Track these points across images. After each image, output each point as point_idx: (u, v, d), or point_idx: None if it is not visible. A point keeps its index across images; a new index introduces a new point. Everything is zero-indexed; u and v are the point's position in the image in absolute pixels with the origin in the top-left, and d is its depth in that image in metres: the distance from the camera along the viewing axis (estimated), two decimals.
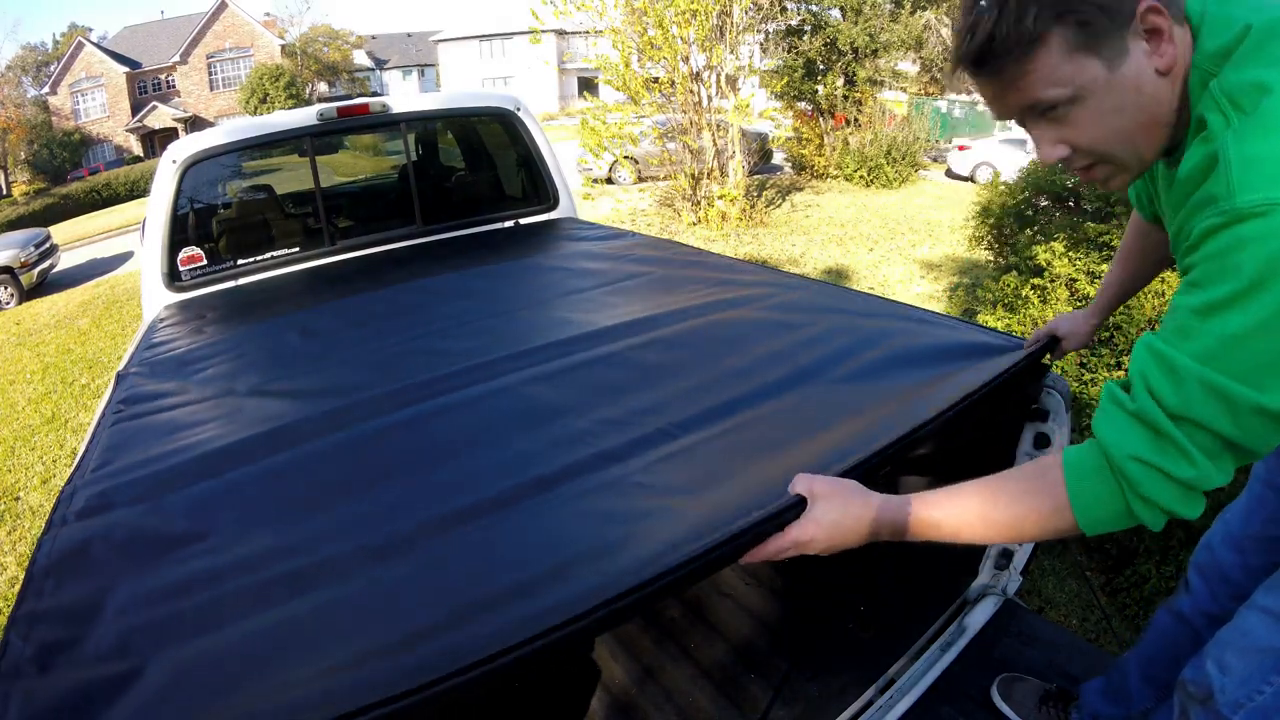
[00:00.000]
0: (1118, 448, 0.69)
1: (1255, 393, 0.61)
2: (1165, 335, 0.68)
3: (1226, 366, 0.62)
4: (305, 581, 0.86)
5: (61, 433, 4.29)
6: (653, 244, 2.39)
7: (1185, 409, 0.65)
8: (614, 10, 6.77)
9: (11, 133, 28.57)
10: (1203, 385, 0.63)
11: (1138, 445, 0.68)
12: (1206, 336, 0.63)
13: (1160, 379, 0.67)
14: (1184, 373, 0.65)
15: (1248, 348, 0.61)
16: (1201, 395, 0.64)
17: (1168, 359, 0.66)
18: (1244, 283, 0.60)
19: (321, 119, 2.43)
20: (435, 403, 1.32)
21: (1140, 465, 0.68)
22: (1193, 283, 0.66)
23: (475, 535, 0.92)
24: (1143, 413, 0.68)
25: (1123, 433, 0.70)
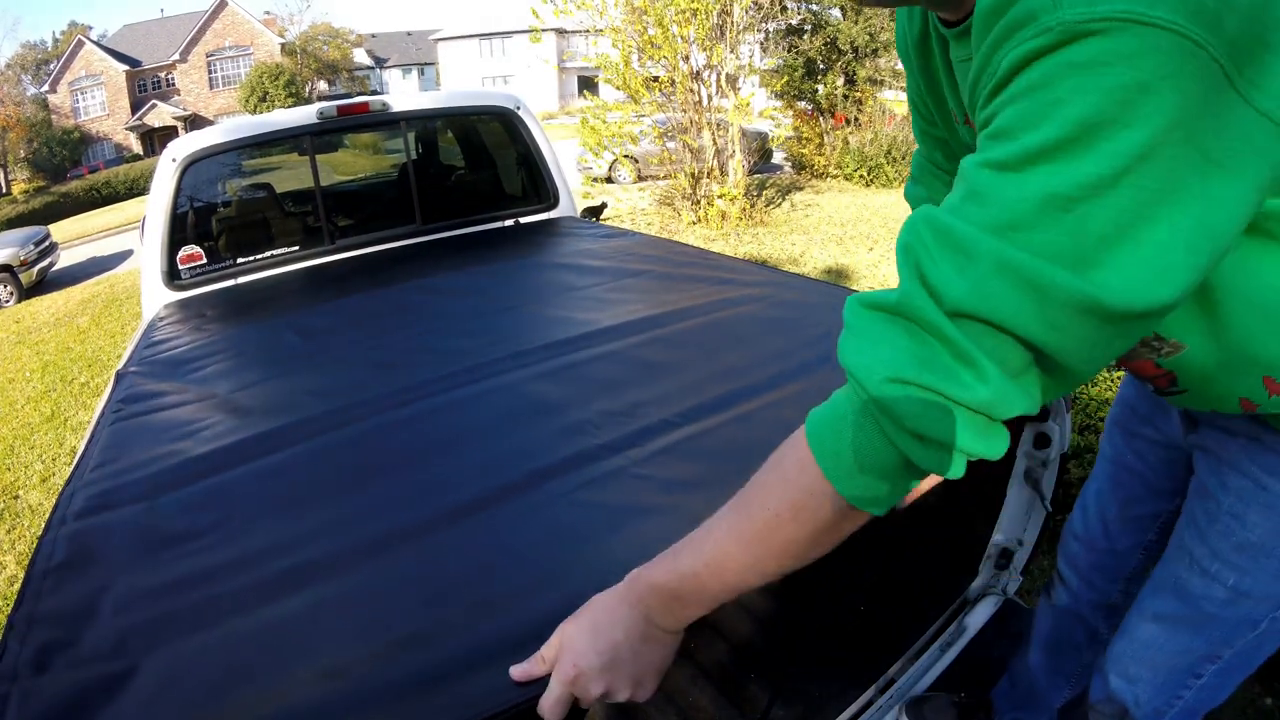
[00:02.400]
0: (868, 368, 0.49)
1: (1075, 277, 0.43)
2: (952, 203, 0.47)
3: (1039, 241, 0.43)
4: (305, 582, 0.86)
5: (61, 431, 4.29)
6: (652, 243, 2.39)
7: (974, 301, 0.45)
8: (614, 9, 6.76)
9: (11, 131, 28.57)
10: (1002, 267, 0.44)
11: (898, 358, 0.48)
12: (1012, 199, 0.44)
13: (939, 259, 0.46)
14: (975, 249, 0.44)
15: (1071, 215, 0.42)
16: (1000, 282, 0.44)
17: (952, 232, 0.46)
18: (1072, 125, 0.41)
19: (321, 118, 2.43)
20: (435, 400, 1.32)
21: (904, 387, 0.47)
22: (996, 134, 0.45)
23: (475, 532, 0.92)
24: (908, 307, 0.48)
25: (876, 343, 0.49)
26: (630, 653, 0.60)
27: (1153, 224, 0.42)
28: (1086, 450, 2.28)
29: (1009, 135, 0.44)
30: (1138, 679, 0.88)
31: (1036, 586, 2.15)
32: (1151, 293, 0.43)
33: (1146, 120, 0.40)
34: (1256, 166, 0.43)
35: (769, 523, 0.55)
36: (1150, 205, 0.42)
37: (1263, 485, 0.73)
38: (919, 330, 0.48)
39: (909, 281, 0.48)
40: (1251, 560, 0.75)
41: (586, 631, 0.61)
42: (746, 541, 0.56)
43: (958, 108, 0.71)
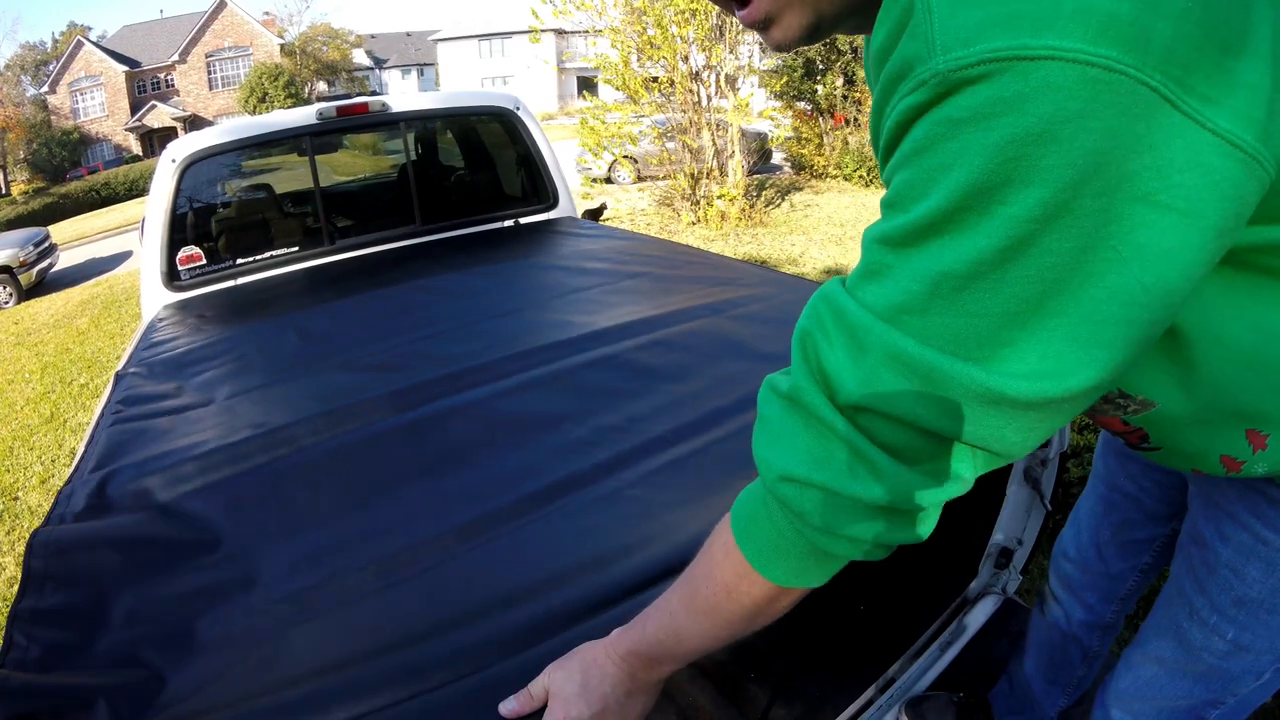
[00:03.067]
0: (768, 463, 0.47)
1: (974, 367, 0.38)
2: (853, 280, 0.43)
3: (931, 326, 0.39)
4: (304, 583, 0.86)
5: (60, 433, 4.28)
6: (652, 244, 2.39)
7: (868, 395, 0.41)
8: (613, 9, 6.76)
9: (10, 132, 28.58)
10: (892, 358, 0.40)
11: (794, 456, 0.45)
12: (904, 280, 0.39)
13: (835, 346, 0.43)
14: (867, 338, 0.41)
15: (966, 295, 0.37)
16: (891, 373, 0.40)
17: (846, 316, 0.42)
18: (961, 192, 0.36)
19: (321, 118, 2.43)
20: (435, 406, 1.32)
21: (801, 487, 0.45)
22: (889, 203, 0.41)
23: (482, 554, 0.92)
24: (803, 400, 0.45)
25: (777, 436, 0.47)
26: (617, 705, 0.61)
27: (1067, 296, 0.36)
28: (1086, 449, 2.28)
29: (899, 206, 0.39)
30: (1141, 715, 0.87)
31: (1036, 586, 2.15)
32: (1070, 378, 0.38)
33: (1049, 175, 0.34)
34: (1216, 201, 0.35)
35: (710, 600, 0.55)
36: (1064, 274, 0.36)
37: (1262, 539, 0.69)
38: (815, 423, 0.44)
39: (803, 371, 0.45)
40: (1251, 616, 0.73)
41: (577, 683, 0.62)
42: (696, 614, 0.57)
43: None
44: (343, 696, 0.69)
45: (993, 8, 0.33)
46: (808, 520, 0.46)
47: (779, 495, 0.47)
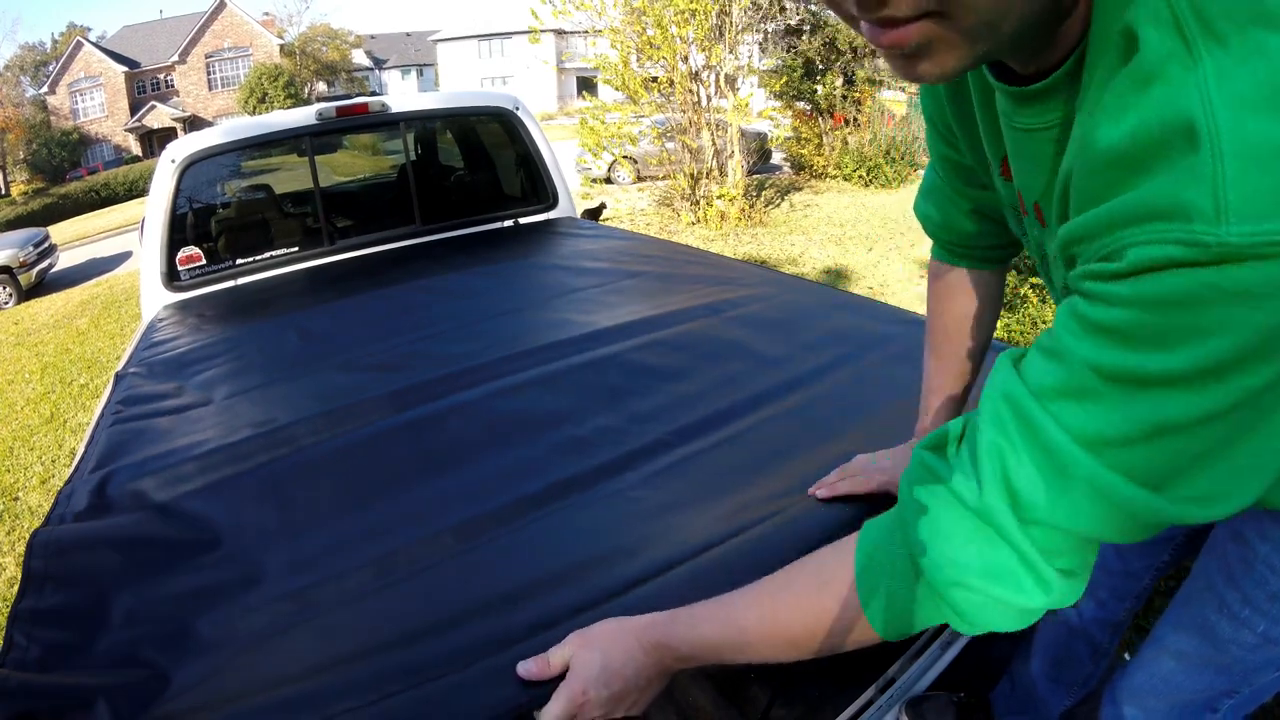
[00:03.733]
0: (938, 567, 0.48)
1: (1158, 496, 0.40)
2: (1046, 390, 0.42)
3: (1135, 462, 0.39)
4: (303, 585, 0.86)
5: (60, 433, 4.28)
6: (652, 244, 2.39)
7: (1061, 516, 0.43)
8: (613, 10, 6.77)
9: (10, 132, 28.58)
10: (1096, 489, 0.41)
11: (970, 564, 0.46)
12: (1118, 417, 0.39)
13: (1028, 465, 0.43)
14: (1071, 467, 0.41)
15: (1174, 440, 0.38)
16: (1090, 502, 0.41)
17: (1043, 436, 0.42)
18: (1210, 360, 0.36)
19: (320, 118, 2.43)
20: (435, 406, 1.31)
21: (967, 592, 0.47)
22: (1111, 329, 0.38)
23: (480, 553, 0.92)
24: (988, 515, 0.45)
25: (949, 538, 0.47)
26: (636, 690, 0.62)
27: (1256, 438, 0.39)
28: None
29: (1128, 342, 0.38)
30: (1154, 711, 0.88)
31: None
32: (1233, 501, 0.41)
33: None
34: None
35: (801, 636, 0.56)
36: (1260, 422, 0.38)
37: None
38: (994, 536, 0.45)
39: (994, 487, 0.45)
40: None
41: (599, 662, 0.62)
42: (772, 642, 0.57)
43: (996, 159, 0.62)
44: (342, 694, 0.69)
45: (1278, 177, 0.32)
46: (963, 616, 0.49)
47: (947, 596, 0.48)
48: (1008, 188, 0.62)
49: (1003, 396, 0.45)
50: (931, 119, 0.75)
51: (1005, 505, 0.44)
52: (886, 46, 0.40)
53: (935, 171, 0.83)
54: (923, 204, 0.87)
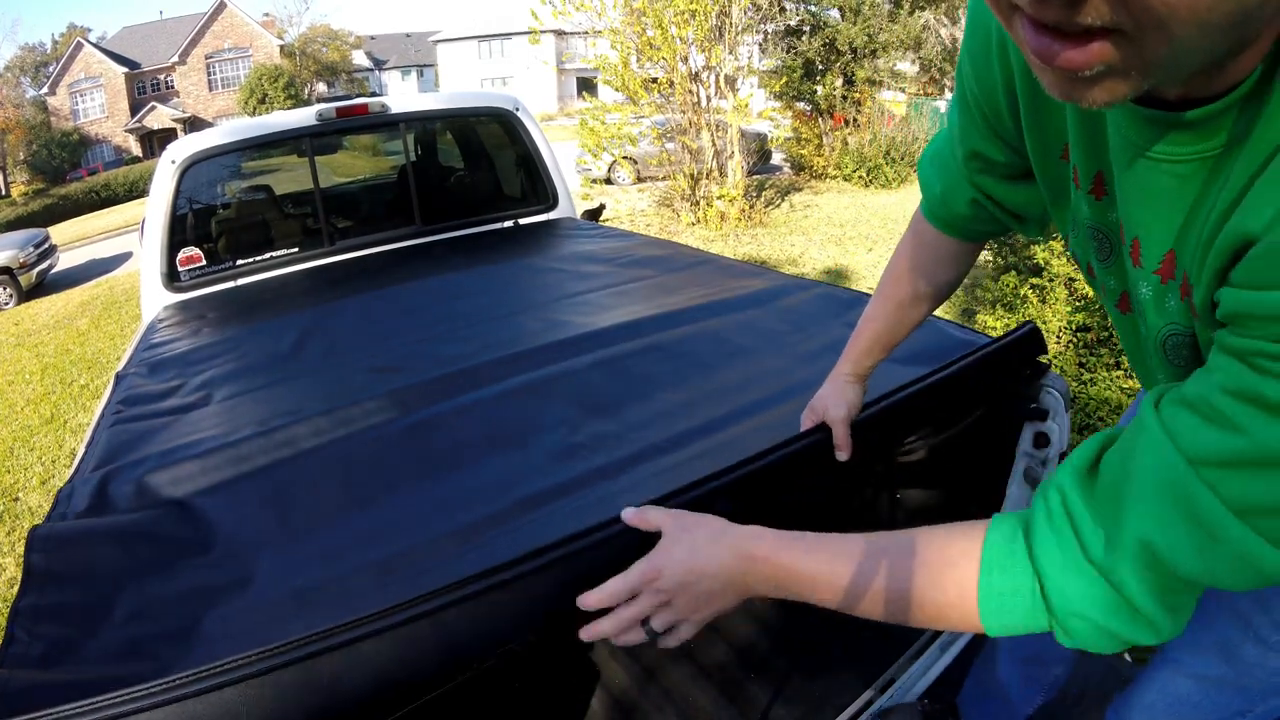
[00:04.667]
0: (1063, 600, 0.49)
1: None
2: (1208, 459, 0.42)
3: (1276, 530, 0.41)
4: (302, 585, 0.86)
5: (60, 433, 4.28)
6: (651, 244, 2.39)
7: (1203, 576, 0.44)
8: (613, 10, 6.77)
9: (10, 133, 28.59)
10: (1241, 559, 0.42)
11: (1089, 606, 0.48)
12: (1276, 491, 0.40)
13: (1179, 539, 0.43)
14: (1223, 534, 0.41)
15: None
16: (1233, 565, 0.42)
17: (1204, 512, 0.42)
18: None
19: (320, 119, 2.43)
20: (435, 407, 1.32)
21: (1087, 624, 0.49)
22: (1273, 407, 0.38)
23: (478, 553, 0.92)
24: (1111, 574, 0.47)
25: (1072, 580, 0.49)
26: (707, 590, 0.61)
27: None
28: None
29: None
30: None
31: None
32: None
33: None
34: None
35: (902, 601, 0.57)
36: None
37: None
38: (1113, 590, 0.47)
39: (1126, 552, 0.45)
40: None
41: (686, 549, 0.62)
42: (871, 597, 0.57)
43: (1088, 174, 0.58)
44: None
45: None
46: (1074, 638, 0.50)
47: (1067, 625, 0.50)
48: (1096, 208, 0.59)
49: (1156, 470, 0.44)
50: (974, 103, 0.69)
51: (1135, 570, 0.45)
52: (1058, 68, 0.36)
53: (953, 153, 0.78)
54: (928, 169, 0.85)
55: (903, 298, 0.91)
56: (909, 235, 0.91)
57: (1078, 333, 2.81)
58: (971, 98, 0.69)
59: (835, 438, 0.91)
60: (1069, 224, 0.65)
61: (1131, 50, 0.33)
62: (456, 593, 0.67)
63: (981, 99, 0.67)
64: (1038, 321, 3.18)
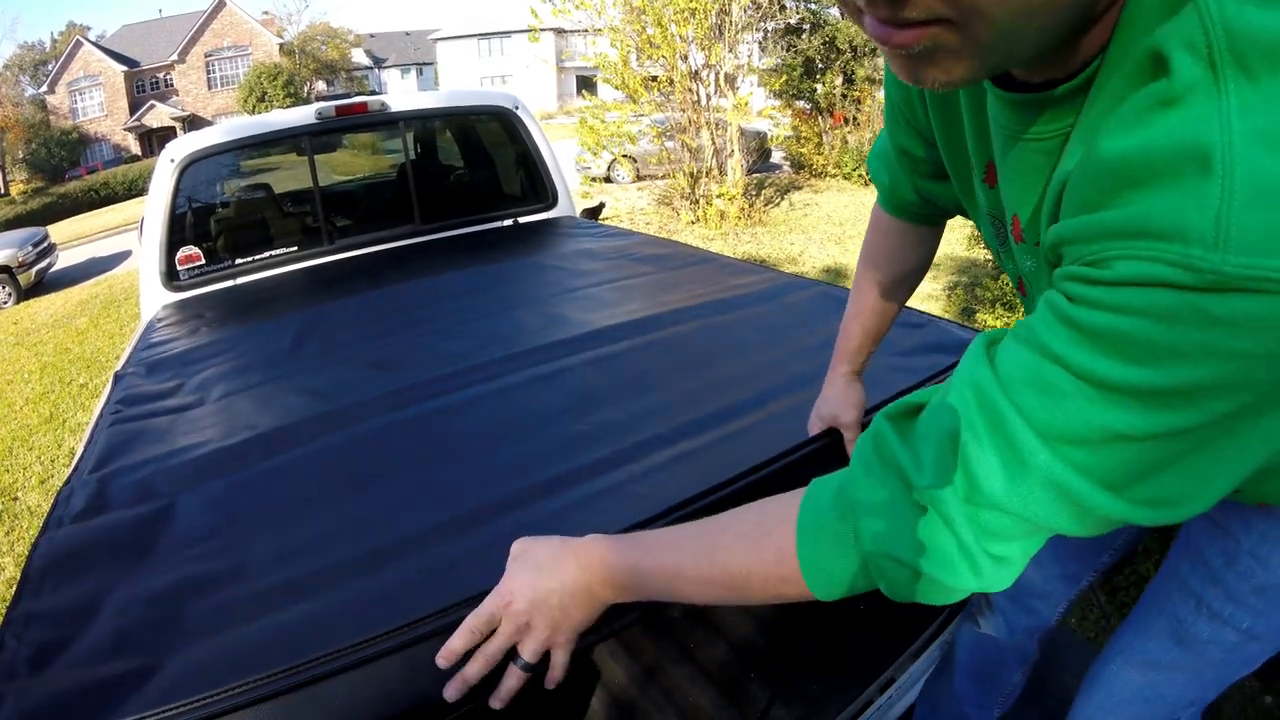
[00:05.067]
0: (874, 539, 0.48)
1: (1116, 498, 0.40)
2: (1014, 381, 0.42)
3: (1093, 464, 0.40)
4: (303, 587, 0.86)
5: (59, 433, 4.28)
6: (651, 243, 2.39)
7: (1014, 503, 0.42)
8: (612, 9, 6.76)
9: (9, 132, 28.57)
10: (1051, 482, 0.41)
11: (903, 543, 0.47)
12: (1082, 419, 0.39)
13: (988, 452, 0.43)
14: (1030, 459, 0.41)
15: (1133, 448, 0.39)
16: (1045, 492, 0.41)
17: (1007, 427, 0.42)
18: (1183, 383, 0.36)
19: (320, 118, 2.42)
20: (435, 403, 1.31)
21: (896, 565, 0.48)
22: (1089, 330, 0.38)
23: (474, 542, 0.92)
24: (932, 498, 0.45)
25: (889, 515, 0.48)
26: (559, 603, 0.62)
27: (1205, 456, 0.39)
28: None
29: (1103, 347, 0.38)
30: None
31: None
32: (1187, 508, 0.42)
33: (1255, 386, 0.35)
34: None
35: (734, 577, 0.56)
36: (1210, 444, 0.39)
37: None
38: (934, 518, 0.46)
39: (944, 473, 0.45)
40: (1270, 603, 0.72)
41: (530, 568, 0.63)
42: (707, 580, 0.57)
43: (981, 164, 0.60)
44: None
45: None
46: (892, 587, 0.49)
47: (875, 564, 0.49)
48: (990, 195, 0.61)
49: (971, 385, 0.44)
50: (895, 105, 0.75)
51: (952, 490, 0.44)
52: (893, 46, 0.38)
53: (887, 139, 0.84)
54: (875, 163, 0.89)
55: (881, 288, 0.93)
56: (873, 229, 0.94)
57: None
58: (892, 96, 0.75)
59: (848, 441, 0.94)
60: (978, 214, 0.67)
61: (961, 35, 0.36)
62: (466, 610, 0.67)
63: (899, 98, 0.73)
64: None
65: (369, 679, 0.63)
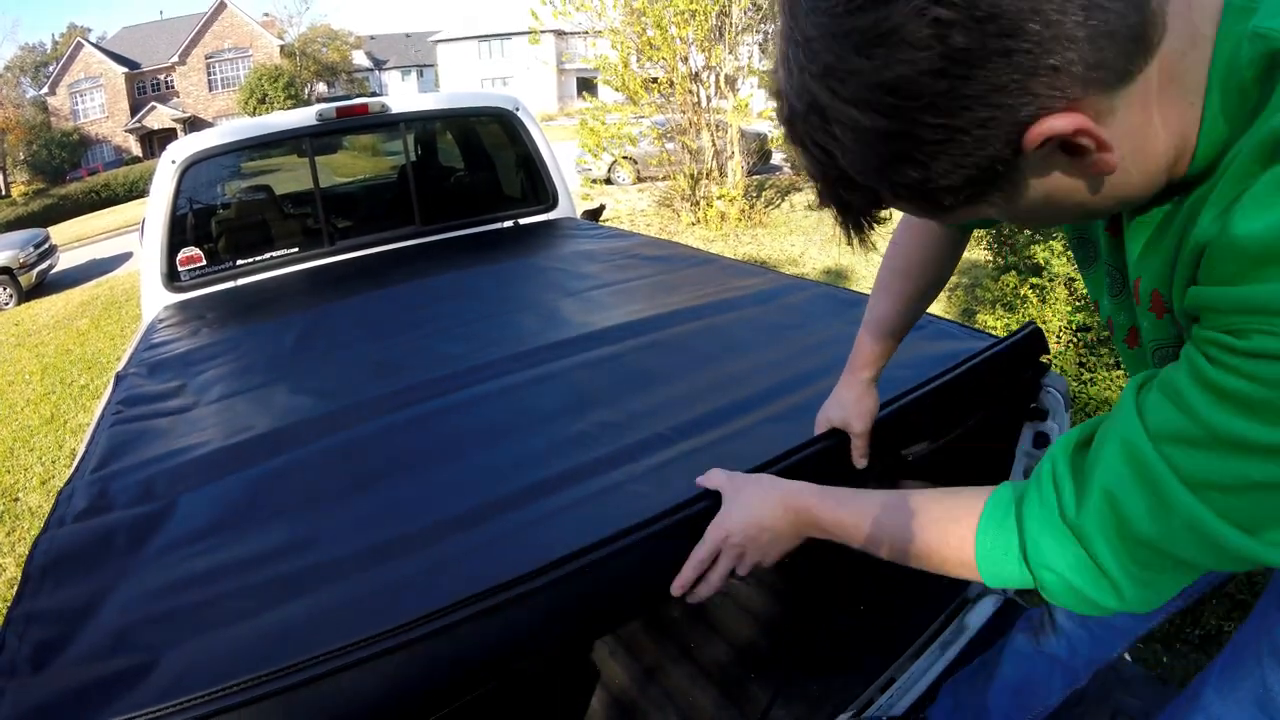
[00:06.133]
0: (1037, 553, 0.55)
1: (1249, 538, 0.45)
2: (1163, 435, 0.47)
3: (1231, 507, 0.45)
4: (304, 584, 0.86)
5: (60, 434, 4.28)
6: (652, 244, 2.39)
7: (1157, 540, 0.48)
8: (613, 10, 6.77)
9: (10, 133, 28.59)
10: (1192, 525, 0.46)
11: (1060, 561, 0.54)
12: (1223, 469, 0.44)
13: (1135, 500, 0.48)
14: (1174, 503, 0.46)
15: (1267, 494, 0.44)
16: (1186, 534, 0.47)
17: (1159, 481, 0.47)
18: None
19: (320, 119, 2.43)
20: (435, 404, 1.32)
21: (1056, 577, 0.54)
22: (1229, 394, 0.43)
23: (475, 540, 0.92)
24: (1081, 533, 0.52)
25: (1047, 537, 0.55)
26: (770, 539, 0.74)
27: None
28: None
29: (1240, 410, 0.43)
30: None
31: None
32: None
33: None
34: None
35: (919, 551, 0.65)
36: None
37: None
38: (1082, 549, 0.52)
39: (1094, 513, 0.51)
40: None
41: (743, 507, 0.75)
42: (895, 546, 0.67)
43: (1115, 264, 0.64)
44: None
45: None
46: (1046, 592, 0.56)
47: (1039, 576, 0.56)
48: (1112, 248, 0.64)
49: (1122, 439, 0.50)
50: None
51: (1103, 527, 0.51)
52: None
53: None
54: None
55: (911, 291, 0.95)
56: (905, 232, 0.94)
57: (1078, 333, 2.81)
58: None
59: (856, 448, 0.97)
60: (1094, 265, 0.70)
61: None
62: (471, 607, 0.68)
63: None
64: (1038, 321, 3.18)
65: (366, 676, 0.63)
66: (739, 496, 0.76)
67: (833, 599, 1.62)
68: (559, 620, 0.74)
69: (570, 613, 0.75)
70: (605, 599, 0.77)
